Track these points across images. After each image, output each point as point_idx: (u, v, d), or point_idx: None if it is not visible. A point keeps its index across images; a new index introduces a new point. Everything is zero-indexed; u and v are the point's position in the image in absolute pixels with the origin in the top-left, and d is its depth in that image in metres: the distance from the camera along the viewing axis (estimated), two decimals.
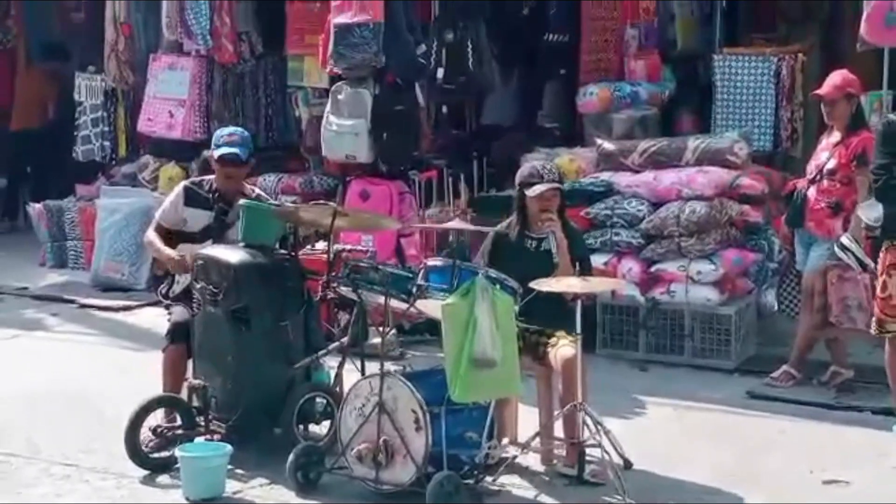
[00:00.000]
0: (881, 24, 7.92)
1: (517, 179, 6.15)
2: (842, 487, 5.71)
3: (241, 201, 6.32)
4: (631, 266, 7.92)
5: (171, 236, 6.53)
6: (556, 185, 6.06)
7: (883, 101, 8.03)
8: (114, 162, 11.23)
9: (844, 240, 6.77)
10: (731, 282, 7.92)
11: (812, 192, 7.11)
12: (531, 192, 5.99)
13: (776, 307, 8.46)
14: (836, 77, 7.13)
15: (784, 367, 7.29)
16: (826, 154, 7.11)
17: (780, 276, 8.33)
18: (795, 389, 7.18)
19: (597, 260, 7.36)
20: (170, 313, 6.48)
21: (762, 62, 8.80)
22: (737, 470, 5.90)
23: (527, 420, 6.06)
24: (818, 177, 7.10)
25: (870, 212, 6.41)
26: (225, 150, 6.44)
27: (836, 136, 7.11)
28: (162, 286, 6.76)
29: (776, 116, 8.77)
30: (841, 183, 7.00)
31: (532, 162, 6.56)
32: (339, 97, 8.96)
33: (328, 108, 9.06)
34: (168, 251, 6.43)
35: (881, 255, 6.34)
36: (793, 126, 8.81)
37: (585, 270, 5.89)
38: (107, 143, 11.19)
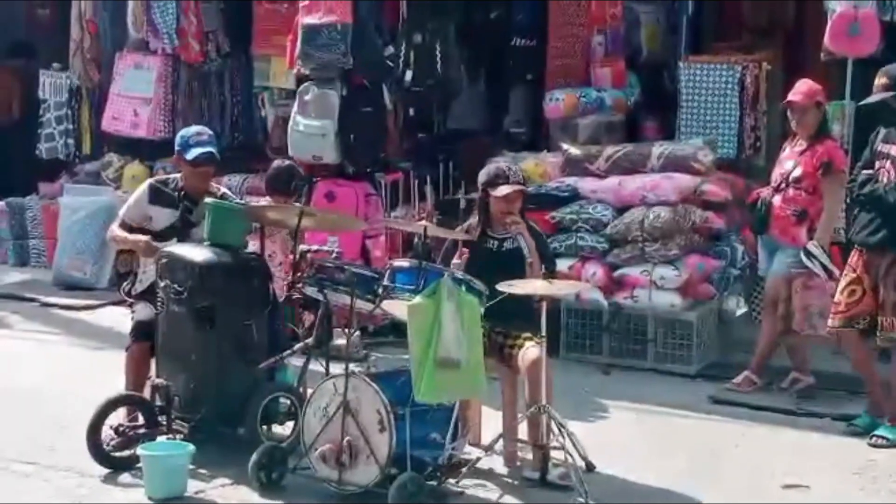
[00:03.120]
0: (844, 35, 8.00)
1: (481, 179, 6.16)
2: (802, 492, 5.76)
3: (207, 200, 6.30)
4: (595, 270, 7.96)
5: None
6: (522, 186, 6.09)
7: (845, 111, 8.11)
8: (77, 160, 11.17)
9: (811, 247, 6.88)
10: (694, 287, 7.98)
11: (777, 200, 7.17)
12: (497, 192, 6.00)
13: (740, 312, 8.54)
14: (805, 85, 7.19)
15: (745, 373, 7.35)
16: (791, 162, 7.17)
17: (750, 282, 8.39)
18: (756, 395, 7.24)
19: (561, 264, 7.40)
20: (133, 311, 6.45)
21: (727, 70, 8.86)
22: (698, 474, 5.95)
23: (491, 422, 6.08)
24: (783, 185, 7.17)
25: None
26: (199, 150, 6.40)
27: (800, 144, 7.17)
28: (125, 284, 6.73)
29: (740, 124, 8.82)
30: (806, 191, 7.07)
31: (497, 163, 6.57)
32: (306, 98, 8.95)
33: (295, 108, 9.05)
34: (135, 236, 6.39)
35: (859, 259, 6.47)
36: (756, 134, 8.86)
37: (550, 271, 5.94)
38: (70, 141, 11.13)
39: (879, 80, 6.48)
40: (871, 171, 6.44)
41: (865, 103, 6.68)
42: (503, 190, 5.99)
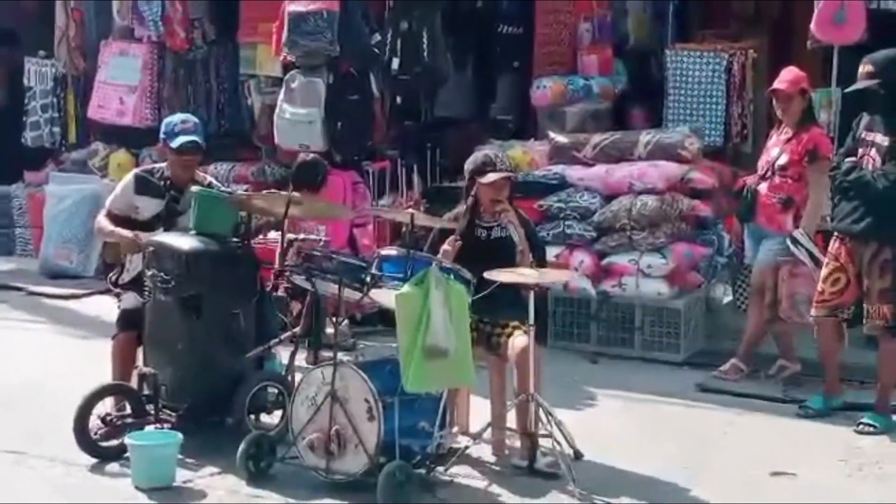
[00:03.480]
0: (831, 22, 8.01)
1: (468, 167, 6.14)
2: (789, 479, 5.78)
3: (194, 188, 6.28)
4: (583, 259, 7.96)
5: (122, 224, 6.47)
6: (511, 173, 6.08)
7: (832, 99, 8.13)
8: (63, 148, 11.13)
9: (797, 234, 6.89)
10: (682, 275, 7.99)
11: (763, 188, 7.19)
12: (485, 179, 5.99)
13: (727, 300, 8.57)
14: (790, 73, 7.20)
15: (732, 361, 7.37)
16: (777, 150, 7.18)
17: (735, 270, 8.41)
18: (743, 383, 7.26)
19: (549, 252, 7.37)
20: (120, 301, 6.43)
21: (714, 58, 8.87)
22: (685, 461, 5.96)
23: (479, 411, 6.09)
24: (769, 172, 7.18)
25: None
26: (184, 139, 6.37)
27: (786, 132, 7.19)
28: (112, 273, 6.71)
29: (727, 112, 8.85)
30: (792, 178, 7.08)
31: (484, 150, 6.55)
32: (293, 85, 8.93)
33: (281, 96, 9.03)
34: (121, 231, 6.38)
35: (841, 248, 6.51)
36: (743, 122, 8.89)
37: (540, 259, 5.93)
38: (56, 130, 11.09)
39: (864, 68, 6.48)
40: (853, 159, 6.44)
41: (851, 91, 6.69)
42: (491, 177, 5.98)
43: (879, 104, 6.39)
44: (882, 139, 6.35)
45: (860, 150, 6.43)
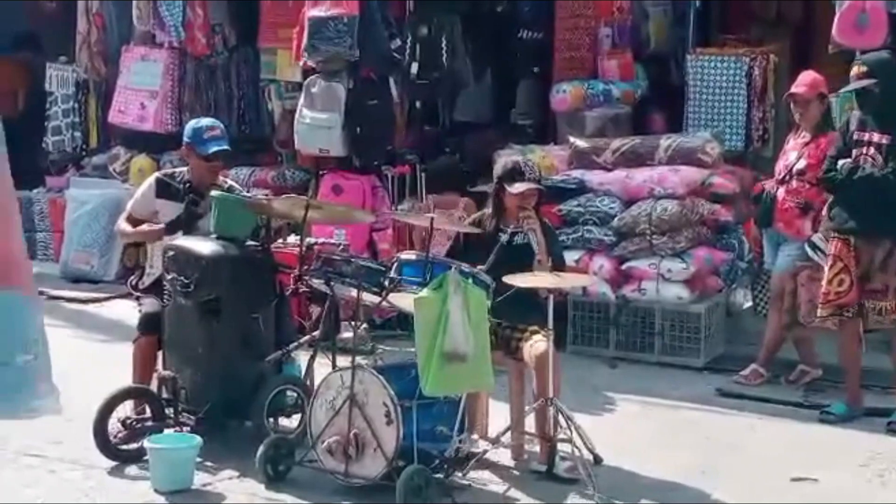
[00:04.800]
0: (853, 26, 7.98)
1: (496, 172, 6.13)
2: (810, 485, 5.75)
3: (213, 192, 6.29)
4: (602, 263, 7.94)
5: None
6: (539, 185, 6.05)
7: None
8: (84, 153, 11.17)
9: (816, 239, 6.86)
10: (702, 280, 7.96)
11: (781, 193, 7.16)
12: (513, 188, 5.97)
13: (747, 305, 8.53)
14: (808, 78, 7.19)
15: (753, 366, 7.34)
16: (795, 154, 7.16)
17: (754, 275, 8.37)
18: (764, 388, 7.23)
19: (569, 257, 7.38)
20: (140, 304, 6.45)
21: (734, 62, 8.84)
22: (706, 467, 5.94)
23: (498, 415, 6.08)
24: (787, 177, 7.16)
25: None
26: (216, 147, 6.37)
27: (804, 136, 7.17)
28: (132, 277, 6.74)
29: (748, 116, 8.82)
30: (810, 183, 7.05)
31: (514, 157, 6.53)
32: (313, 90, 8.94)
33: (301, 101, 9.04)
34: (142, 227, 6.41)
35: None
36: (764, 126, 8.85)
37: (558, 268, 5.92)
38: (77, 135, 11.13)
39: (858, 69, 6.55)
40: (849, 161, 6.44)
41: (847, 91, 6.71)
42: (518, 187, 5.95)
43: (874, 104, 6.42)
44: (880, 138, 6.37)
45: (854, 151, 6.43)
